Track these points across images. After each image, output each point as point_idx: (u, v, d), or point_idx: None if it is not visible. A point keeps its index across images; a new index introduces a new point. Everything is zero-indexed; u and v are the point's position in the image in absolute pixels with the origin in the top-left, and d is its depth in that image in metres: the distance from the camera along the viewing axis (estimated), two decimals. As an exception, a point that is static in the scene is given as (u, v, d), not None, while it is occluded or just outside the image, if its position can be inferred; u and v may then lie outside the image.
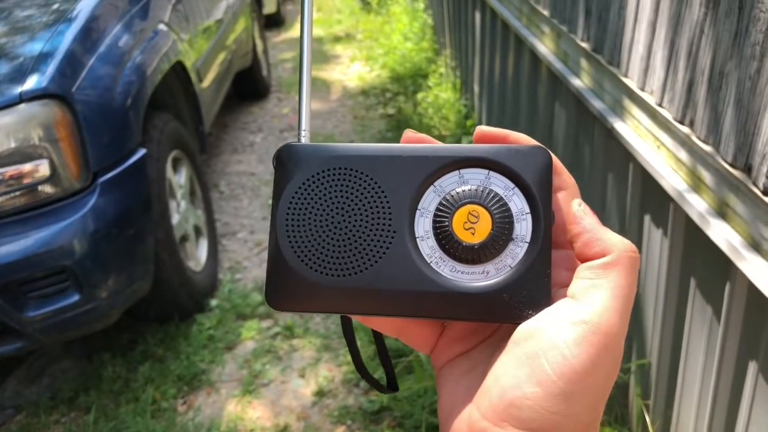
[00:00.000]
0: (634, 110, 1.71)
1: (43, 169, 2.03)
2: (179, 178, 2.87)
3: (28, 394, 2.49)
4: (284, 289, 0.44)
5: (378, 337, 0.50)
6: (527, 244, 0.41)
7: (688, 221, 1.49)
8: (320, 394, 2.44)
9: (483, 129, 0.44)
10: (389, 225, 0.43)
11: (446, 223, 0.42)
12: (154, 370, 2.55)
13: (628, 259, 0.39)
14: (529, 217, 0.42)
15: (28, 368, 2.58)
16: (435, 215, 0.42)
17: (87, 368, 2.59)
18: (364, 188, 0.43)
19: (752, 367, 1.33)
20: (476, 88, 4.02)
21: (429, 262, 0.42)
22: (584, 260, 0.40)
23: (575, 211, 0.41)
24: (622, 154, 1.82)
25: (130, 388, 2.49)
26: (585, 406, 0.37)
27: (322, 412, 2.37)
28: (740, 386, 1.39)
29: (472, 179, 0.43)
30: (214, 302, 2.91)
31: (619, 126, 1.77)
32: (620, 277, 0.38)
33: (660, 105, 1.57)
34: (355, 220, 0.43)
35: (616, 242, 0.39)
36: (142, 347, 2.65)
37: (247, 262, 3.24)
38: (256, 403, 2.43)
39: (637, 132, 1.71)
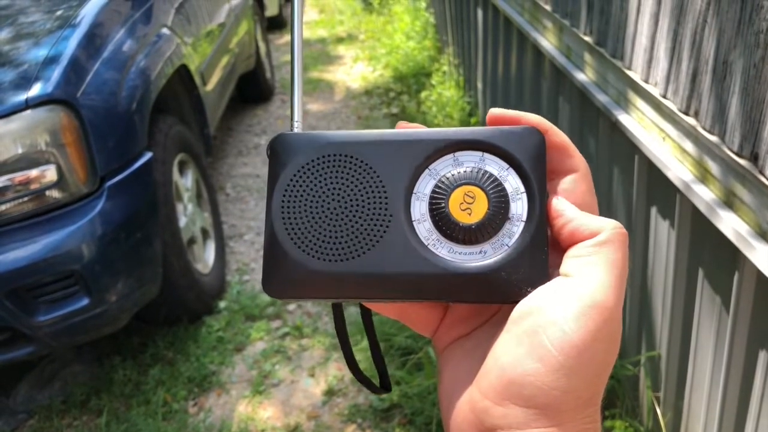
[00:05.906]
0: (639, 102, 1.71)
1: (51, 174, 2.04)
2: (185, 181, 2.88)
3: (41, 398, 2.50)
4: (282, 277, 0.43)
5: (370, 333, 0.50)
6: (523, 223, 0.41)
7: (695, 212, 1.49)
8: (330, 393, 2.44)
9: (495, 112, 0.44)
10: (385, 209, 0.43)
11: (442, 205, 0.42)
12: (165, 373, 2.56)
13: (618, 235, 0.39)
14: (525, 196, 0.42)
15: (40, 373, 2.60)
16: (431, 198, 0.42)
17: (98, 372, 2.60)
18: (359, 174, 0.43)
19: (762, 356, 1.33)
20: (480, 85, 4.01)
21: (426, 244, 0.42)
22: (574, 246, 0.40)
23: (555, 205, 0.41)
24: (627, 147, 1.82)
25: (140, 390, 2.50)
26: (585, 381, 0.37)
27: (333, 411, 2.37)
28: (751, 376, 1.38)
29: (467, 161, 0.43)
30: (222, 304, 2.92)
31: (624, 119, 1.77)
32: (613, 253, 0.39)
33: (664, 96, 1.57)
34: (351, 206, 0.43)
35: (604, 223, 0.40)
36: (151, 350, 2.66)
37: (254, 264, 3.25)
38: (267, 403, 2.44)
39: (642, 124, 1.71)
